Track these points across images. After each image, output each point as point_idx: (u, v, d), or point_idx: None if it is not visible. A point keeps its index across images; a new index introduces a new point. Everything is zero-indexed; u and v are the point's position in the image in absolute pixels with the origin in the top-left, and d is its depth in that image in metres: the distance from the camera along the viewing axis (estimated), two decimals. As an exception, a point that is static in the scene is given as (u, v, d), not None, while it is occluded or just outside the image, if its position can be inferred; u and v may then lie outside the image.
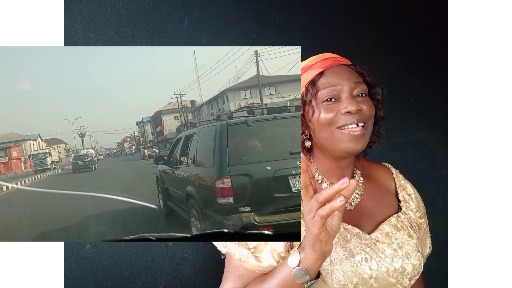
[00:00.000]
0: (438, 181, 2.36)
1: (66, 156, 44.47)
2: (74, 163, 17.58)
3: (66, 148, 48.89)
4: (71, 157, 45.52)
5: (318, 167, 1.15)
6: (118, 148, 61.97)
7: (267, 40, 2.10)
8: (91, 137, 62.62)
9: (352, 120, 1.05)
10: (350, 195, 0.86)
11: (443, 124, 1.74)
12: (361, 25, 2.29)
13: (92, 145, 60.73)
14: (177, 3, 1.95)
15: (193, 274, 1.92)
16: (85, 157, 18.00)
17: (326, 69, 1.10)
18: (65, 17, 1.76)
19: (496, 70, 1.27)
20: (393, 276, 1.05)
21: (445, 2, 1.40)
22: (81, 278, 1.79)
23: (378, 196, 1.20)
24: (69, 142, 53.83)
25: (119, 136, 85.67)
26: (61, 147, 49.57)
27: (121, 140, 65.47)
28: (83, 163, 17.40)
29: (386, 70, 1.77)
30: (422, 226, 1.22)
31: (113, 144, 70.77)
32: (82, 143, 41.14)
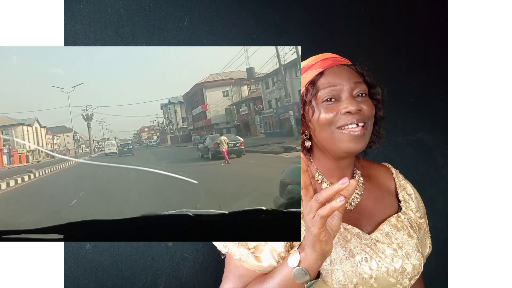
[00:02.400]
0: (438, 181, 2.36)
1: (76, 147, 39.40)
2: (120, 149, 23.24)
3: (76, 138, 43.16)
4: (81, 148, 41.98)
5: (318, 167, 1.15)
6: (135, 139, 54.42)
7: (267, 40, 2.10)
8: (102, 123, 56.36)
9: (352, 120, 1.05)
10: (350, 195, 0.86)
11: (443, 124, 1.74)
12: (361, 25, 2.29)
13: (104, 134, 55.70)
14: (177, 3, 1.95)
15: (193, 274, 1.92)
16: (128, 145, 24.38)
17: (326, 69, 1.10)
18: (65, 17, 1.76)
19: (496, 70, 1.27)
20: (393, 276, 1.05)
21: (445, 2, 1.40)
22: (81, 278, 1.79)
23: (378, 196, 1.20)
24: (79, 131, 49.01)
25: (135, 126, 79.03)
26: (69, 136, 45.28)
27: (138, 130, 57.29)
28: (127, 149, 22.97)
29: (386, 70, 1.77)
30: (422, 226, 1.22)
31: (128, 134, 63.83)
32: (89, 129, 32.65)
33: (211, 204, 2.84)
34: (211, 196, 3.32)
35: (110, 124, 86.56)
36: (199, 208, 0.90)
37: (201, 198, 3.18)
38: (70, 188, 5.61)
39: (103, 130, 58.72)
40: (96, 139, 49.69)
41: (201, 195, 3.35)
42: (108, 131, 59.43)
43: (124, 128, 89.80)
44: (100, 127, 57.71)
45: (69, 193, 4.96)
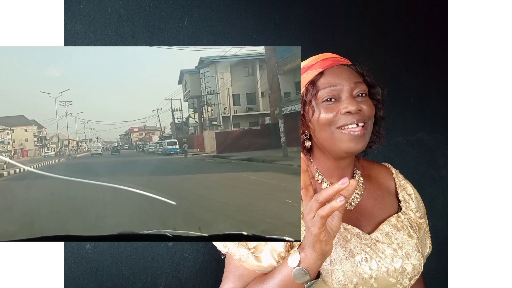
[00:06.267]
0: (438, 181, 2.36)
1: (41, 147, 31.22)
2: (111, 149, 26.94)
3: (42, 134, 33.26)
4: (49, 148, 33.07)
5: (318, 167, 1.15)
6: (121, 141, 46.70)
7: (267, 40, 2.10)
8: (85, 123, 48.59)
9: (352, 120, 1.05)
10: (350, 195, 0.86)
11: (443, 124, 1.74)
12: (361, 25, 2.29)
13: (87, 135, 47.59)
14: (177, 3, 1.95)
15: (193, 274, 1.92)
16: (115, 148, 27.46)
17: (326, 69, 1.10)
18: (65, 17, 1.76)
19: (496, 70, 1.27)
20: (393, 276, 1.05)
21: (445, 2, 1.40)
22: (81, 278, 1.79)
23: (378, 196, 1.20)
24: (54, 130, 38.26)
25: (120, 127, 70.52)
26: (28, 131, 31.24)
27: (127, 131, 46.27)
28: (116, 151, 26.15)
29: (386, 70, 1.78)
30: (422, 226, 1.22)
31: (112, 134, 56.64)
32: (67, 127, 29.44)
33: (191, 225, 2.82)
34: (190, 216, 3.26)
35: (96, 128, 76.79)
36: (178, 229, 0.90)
37: (179, 218, 3.13)
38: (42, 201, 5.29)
39: (85, 129, 51.47)
40: (75, 139, 43.65)
41: (179, 215, 3.29)
42: (91, 130, 51.61)
43: (109, 128, 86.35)
44: (83, 126, 50.94)
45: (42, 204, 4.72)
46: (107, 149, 24.81)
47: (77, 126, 70.73)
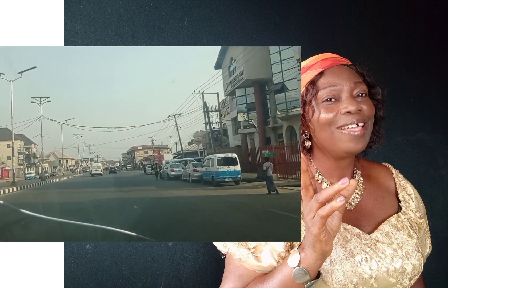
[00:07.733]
0: (438, 181, 2.36)
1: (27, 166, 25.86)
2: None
3: (32, 152, 27.77)
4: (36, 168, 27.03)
5: (318, 167, 1.15)
6: (124, 161, 41.91)
7: (267, 40, 2.10)
8: (90, 146, 42.58)
9: (352, 120, 1.05)
10: (350, 195, 0.86)
11: (443, 124, 1.74)
12: (361, 25, 2.29)
13: (90, 156, 42.48)
14: (177, 3, 1.95)
15: (193, 274, 1.92)
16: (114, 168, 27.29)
17: (326, 69, 1.10)
18: (65, 17, 1.76)
19: (496, 70, 1.27)
20: (393, 276, 1.05)
21: (445, 2, 1.40)
22: (81, 278, 1.79)
23: (378, 196, 1.20)
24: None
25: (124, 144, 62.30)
26: (9, 148, 20.13)
27: (131, 149, 40.55)
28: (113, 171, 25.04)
29: (386, 70, 1.77)
30: (422, 226, 1.22)
31: (114, 153, 53.77)
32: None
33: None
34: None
35: (97, 147, 71.43)
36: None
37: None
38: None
39: (84, 148, 43.19)
40: (74, 158, 39.40)
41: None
42: (89, 148, 44.70)
43: (111, 146, 77.48)
44: (82, 145, 42.63)
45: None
46: (106, 169, 23.40)
47: (71, 141, 64.94)
